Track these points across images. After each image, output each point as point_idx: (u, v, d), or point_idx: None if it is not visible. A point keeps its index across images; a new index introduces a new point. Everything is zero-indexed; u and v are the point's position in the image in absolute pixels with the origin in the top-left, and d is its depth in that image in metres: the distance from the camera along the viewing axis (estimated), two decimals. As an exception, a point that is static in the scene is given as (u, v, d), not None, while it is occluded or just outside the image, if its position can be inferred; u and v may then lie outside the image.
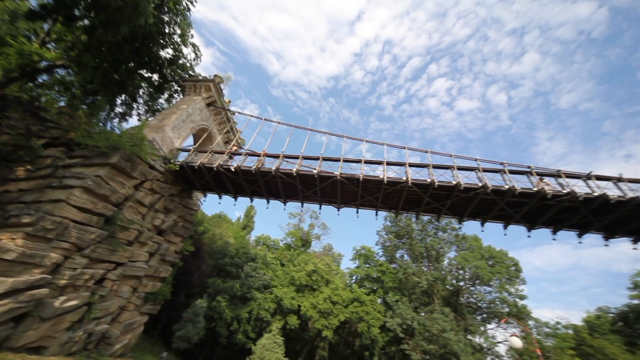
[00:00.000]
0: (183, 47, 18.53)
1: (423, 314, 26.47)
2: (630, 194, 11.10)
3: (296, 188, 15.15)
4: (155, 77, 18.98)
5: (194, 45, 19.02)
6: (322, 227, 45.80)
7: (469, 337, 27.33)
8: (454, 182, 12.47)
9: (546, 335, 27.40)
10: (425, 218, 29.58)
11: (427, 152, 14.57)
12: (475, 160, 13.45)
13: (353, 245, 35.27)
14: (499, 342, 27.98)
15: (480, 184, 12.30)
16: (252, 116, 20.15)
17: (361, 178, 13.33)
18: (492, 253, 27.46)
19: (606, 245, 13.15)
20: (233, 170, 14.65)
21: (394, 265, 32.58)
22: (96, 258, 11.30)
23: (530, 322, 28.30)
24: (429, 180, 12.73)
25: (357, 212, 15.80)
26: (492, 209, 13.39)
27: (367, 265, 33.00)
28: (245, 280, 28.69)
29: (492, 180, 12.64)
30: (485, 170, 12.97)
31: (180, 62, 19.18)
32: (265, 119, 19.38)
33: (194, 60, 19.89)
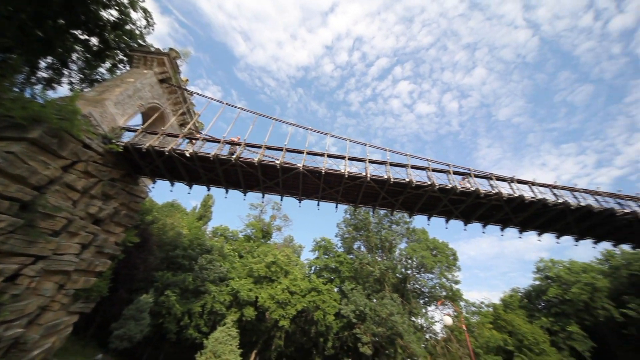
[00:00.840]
0: (131, 10, 16.13)
1: (375, 300, 28.65)
2: (540, 196, 13.52)
3: (258, 178, 14.73)
4: (95, 41, 16.21)
5: (145, 10, 16.72)
6: (283, 218, 45.60)
7: (413, 319, 30.63)
8: (407, 180, 13.55)
9: (472, 313, 32.18)
10: (382, 212, 31.72)
11: (386, 150, 15.47)
12: (427, 160, 14.77)
13: (313, 237, 36.06)
14: (436, 322, 31.96)
15: (429, 182, 13.61)
16: (212, 99, 18.68)
17: (323, 171, 13.56)
18: (436, 244, 30.84)
19: (520, 237, 16.03)
20: (188, 155, 13.54)
21: (351, 256, 34.35)
22: (7, 251, 9.46)
23: (462, 303, 32.88)
24: (385, 176, 13.58)
25: (318, 204, 16.10)
26: (437, 205, 14.95)
27: (326, 256, 34.13)
28: (199, 273, 27.18)
29: (439, 180, 14.07)
30: (434, 170, 14.35)
31: (127, 27, 16.71)
32: (227, 104, 18.19)
33: (144, 27, 17.51)
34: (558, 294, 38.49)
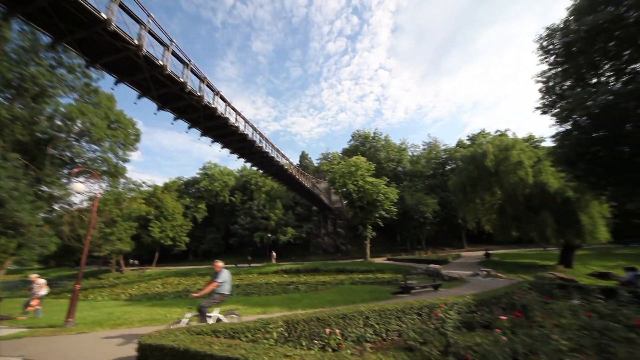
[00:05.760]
0: None
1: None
2: (228, 118, 17.37)
3: None
4: None
5: None
6: None
7: (44, 187, 24.09)
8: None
9: (129, 190, 33.44)
10: (45, 39, 19.47)
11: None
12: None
13: None
14: (79, 193, 28.30)
15: (136, 42, 10.93)
16: None
17: None
18: (121, 118, 26.56)
19: (199, 139, 19.46)
20: None
21: None
22: None
23: (122, 180, 32.55)
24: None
25: None
26: (135, 74, 12.68)
27: None
28: None
29: (158, 54, 12.05)
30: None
31: None
32: None
33: None
34: (205, 185, 53.60)
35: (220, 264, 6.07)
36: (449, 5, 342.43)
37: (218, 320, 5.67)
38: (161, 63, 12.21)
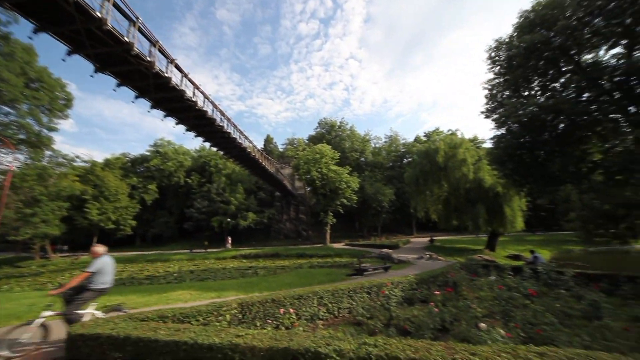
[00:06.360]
0: None
1: None
2: (185, 90, 15.77)
3: None
4: None
5: None
6: None
7: None
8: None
9: (58, 164, 28.53)
10: None
11: None
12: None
13: None
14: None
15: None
16: None
17: None
18: (44, 77, 21.99)
19: (149, 112, 17.40)
20: None
21: None
22: None
23: (49, 153, 27.48)
24: None
25: None
26: (64, 23, 10.52)
27: None
28: None
29: (96, 4, 10.11)
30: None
31: None
32: None
33: None
34: (157, 164, 48.54)
35: (99, 249, 4.88)
36: (418, 4, 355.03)
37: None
38: (99, 15, 10.32)
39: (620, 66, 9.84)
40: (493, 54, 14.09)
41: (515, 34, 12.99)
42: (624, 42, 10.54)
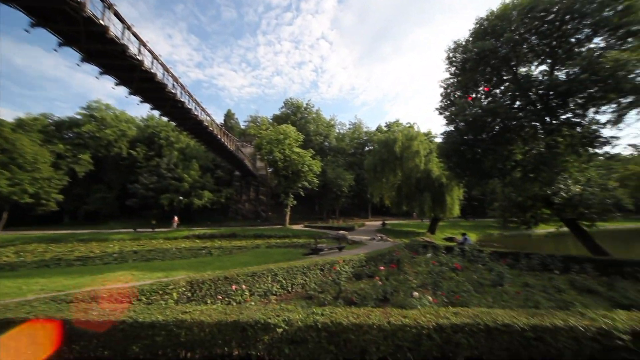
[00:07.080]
0: None
1: None
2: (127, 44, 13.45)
3: None
4: None
5: None
6: None
7: None
8: None
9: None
10: None
11: None
12: None
13: None
14: None
15: None
16: None
17: None
18: None
19: (78, 65, 14.47)
20: None
21: None
22: None
23: None
24: None
25: None
26: None
27: None
28: None
29: None
30: None
31: None
32: None
33: None
34: (91, 130, 41.56)
35: None
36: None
37: None
38: None
39: (544, 81, 11.60)
40: (451, 55, 15.16)
41: (470, 38, 14.12)
42: (549, 61, 12.37)
